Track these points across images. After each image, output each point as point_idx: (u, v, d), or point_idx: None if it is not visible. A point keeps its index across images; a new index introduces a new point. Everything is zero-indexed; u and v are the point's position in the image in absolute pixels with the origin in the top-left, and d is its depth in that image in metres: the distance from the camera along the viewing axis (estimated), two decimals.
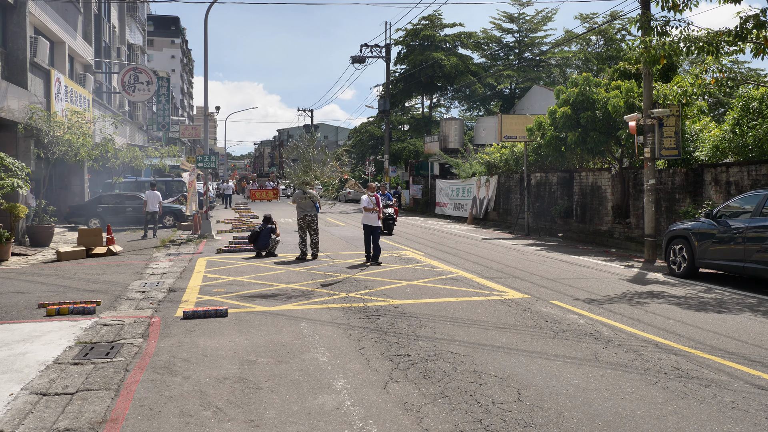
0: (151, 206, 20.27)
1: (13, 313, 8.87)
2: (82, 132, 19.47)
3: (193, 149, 71.76)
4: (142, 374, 6.00)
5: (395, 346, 6.92)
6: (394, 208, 21.77)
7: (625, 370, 6.11)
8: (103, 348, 6.99)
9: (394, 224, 21.58)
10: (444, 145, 36.76)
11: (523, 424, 4.75)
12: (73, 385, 5.73)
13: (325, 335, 7.46)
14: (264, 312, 8.81)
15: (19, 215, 15.51)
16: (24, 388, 5.63)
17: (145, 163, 26.46)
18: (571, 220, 21.70)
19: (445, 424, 4.76)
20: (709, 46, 11.68)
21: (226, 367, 6.23)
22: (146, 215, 20.39)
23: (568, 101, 18.87)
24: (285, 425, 4.75)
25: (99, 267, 13.50)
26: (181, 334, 7.57)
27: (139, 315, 8.70)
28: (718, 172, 15.35)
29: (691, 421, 4.85)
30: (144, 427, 4.74)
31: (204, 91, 21.90)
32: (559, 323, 8.10)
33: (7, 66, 18.06)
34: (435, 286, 10.92)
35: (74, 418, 4.93)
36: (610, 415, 4.94)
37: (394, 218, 21.44)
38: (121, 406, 5.16)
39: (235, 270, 12.99)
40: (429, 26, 45.66)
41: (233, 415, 4.96)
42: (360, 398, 5.32)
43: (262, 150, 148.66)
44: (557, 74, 45.06)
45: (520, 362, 6.33)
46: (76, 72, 26.33)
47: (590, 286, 11.06)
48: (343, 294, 10.17)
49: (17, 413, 5.03)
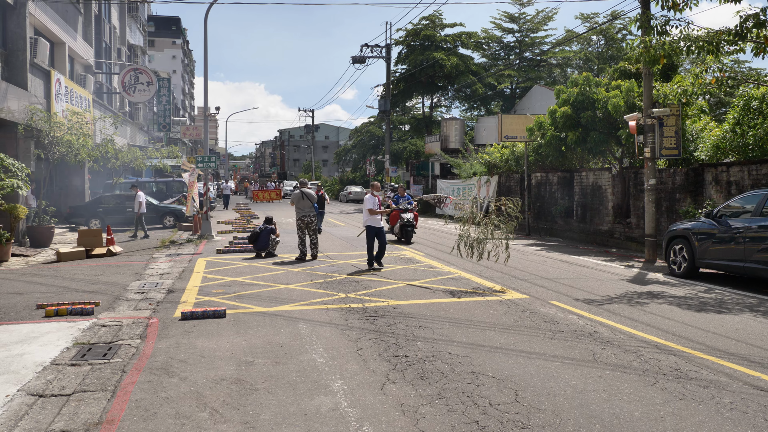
0: (136, 207, 20.27)
1: (11, 314, 8.86)
2: (82, 133, 19.47)
3: (194, 149, 71.77)
4: (139, 375, 5.99)
5: (393, 347, 6.90)
6: (413, 213, 18.80)
7: (623, 371, 6.09)
8: (100, 349, 6.98)
9: (413, 231, 18.63)
10: (445, 145, 36.75)
11: (520, 426, 4.73)
12: (70, 386, 5.72)
13: (323, 336, 7.44)
14: (262, 313, 8.79)
15: (19, 216, 15.50)
16: (20, 390, 5.61)
17: (146, 164, 26.46)
18: (571, 220, 21.66)
19: (442, 425, 4.74)
20: (709, 45, 11.64)
21: (223, 368, 6.21)
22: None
23: (569, 101, 18.83)
24: (281, 427, 4.74)
25: (98, 268, 13.49)
26: (179, 335, 7.56)
27: (137, 316, 8.68)
28: (719, 172, 15.32)
29: (689, 422, 4.83)
30: (139, 428, 4.72)
31: (204, 91, 21.90)
32: (558, 324, 8.08)
33: (7, 67, 18.06)
34: (434, 287, 10.90)
35: (70, 420, 4.91)
36: (608, 417, 4.91)
37: (413, 224, 18.49)
38: (117, 408, 5.15)
39: (235, 270, 12.97)
40: (429, 26, 45.65)
41: (229, 416, 4.95)
42: (357, 399, 5.30)
43: (263, 150, 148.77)
44: (558, 74, 45.04)
45: (519, 363, 6.31)
46: (77, 73, 26.34)
47: (590, 287, 11.03)
48: (342, 294, 10.15)
49: (13, 414, 5.02)
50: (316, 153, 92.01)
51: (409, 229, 18.27)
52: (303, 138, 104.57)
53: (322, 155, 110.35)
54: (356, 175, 63.91)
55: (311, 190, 15.10)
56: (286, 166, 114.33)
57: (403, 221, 18.30)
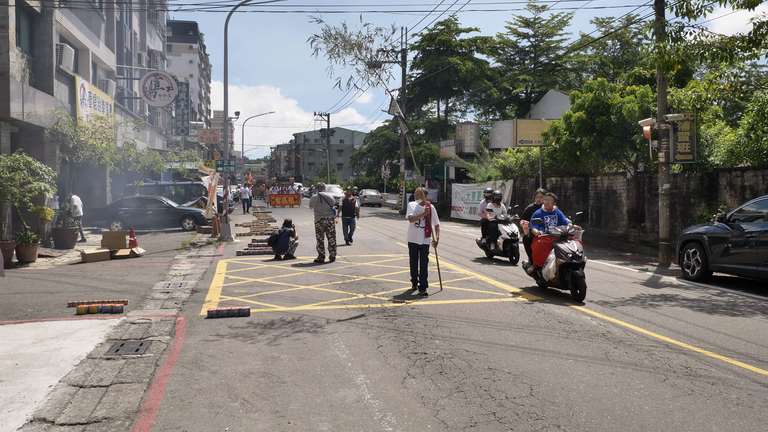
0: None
1: (44, 311, 9.24)
2: (106, 137, 19.94)
3: (211, 153, 72.49)
4: (171, 369, 6.31)
5: (412, 345, 7.18)
6: (576, 240, 10.63)
7: (634, 368, 6.32)
8: (132, 344, 7.31)
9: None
10: (460, 149, 36.98)
11: (535, 417, 4.99)
12: (107, 378, 6.05)
13: (344, 334, 7.74)
14: (285, 312, 9.10)
15: (47, 218, 15.98)
16: (62, 381, 5.95)
17: (165, 167, 26.94)
18: (585, 224, 21.81)
19: (461, 416, 5.02)
20: (723, 51, 11.81)
21: (250, 362, 6.52)
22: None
23: (583, 106, 19.02)
24: (309, 416, 5.03)
25: (123, 268, 13.89)
26: (206, 332, 7.88)
27: (164, 314, 9.03)
28: (733, 177, 15.44)
29: (697, 415, 5.06)
30: (177, 416, 5.04)
31: (224, 96, 22.32)
32: (571, 324, 8.31)
33: (34, 73, 18.57)
34: (451, 288, 11.15)
35: (111, 408, 5.24)
36: (619, 410, 5.16)
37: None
38: (153, 398, 5.47)
39: (255, 272, 13.31)
40: (445, 31, 45.91)
41: (259, 406, 5.25)
42: (379, 392, 5.59)
43: (278, 154, 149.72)
44: (573, 78, 45.10)
45: (533, 360, 6.56)
46: (99, 78, 26.90)
47: (604, 289, 11.24)
48: (361, 295, 10.44)
49: (57, 403, 5.35)
50: (331, 157, 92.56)
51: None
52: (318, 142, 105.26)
53: (337, 159, 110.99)
54: (371, 178, 64.25)
55: (329, 194, 15.41)
56: (301, 169, 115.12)
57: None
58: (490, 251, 15.60)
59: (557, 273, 10.31)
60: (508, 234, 14.72)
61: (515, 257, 14.66)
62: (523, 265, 11.57)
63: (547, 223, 10.90)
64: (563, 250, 10.14)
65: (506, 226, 14.96)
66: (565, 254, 10.05)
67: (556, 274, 10.32)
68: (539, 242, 10.68)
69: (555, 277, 10.37)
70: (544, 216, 11.00)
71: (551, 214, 11.02)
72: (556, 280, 10.40)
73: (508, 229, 14.88)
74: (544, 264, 10.58)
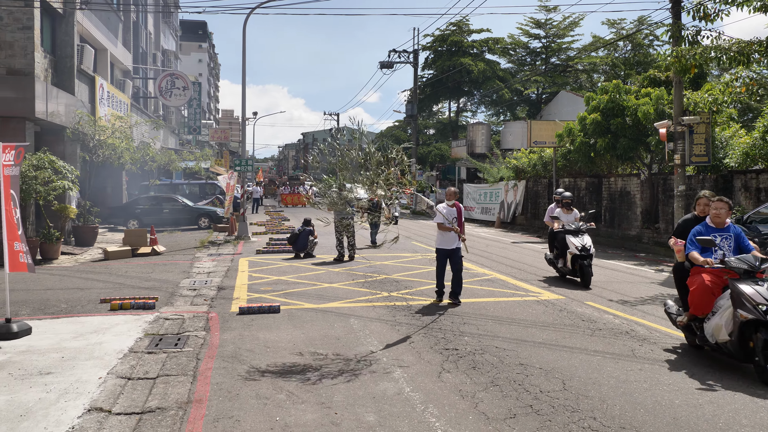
0: None
1: (78, 307, 9.49)
2: (125, 136, 20.22)
3: (220, 152, 72.81)
4: (213, 362, 6.54)
5: (442, 341, 7.40)
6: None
7: (661, 365, 6.51)
8: (171, 339, 7.56)
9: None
10: (471, 149, 37.18)
11: (571, 410, 5.20)
12: (153, 371, 6.29)
13: (374, 330, 7.96)
14: (314, 309, 9.33)
15: (70, 216, 16.27)
16: (110, 373, 6.19)
17: (180, 166, 27.23)
18: (599, 224, 21.97)
19: (500, 408, 5.23)
20: (740, 56, 11.96)
21: (288, 357, 6.75)
22: None
23: (598, 108, 19.19)
24: (354, 407, 5.25)
25: (147, 266, 14.14)
26: (240, 327, 8.12)
27: (196, 310, 9.27)
28: (748, 179, 15.58)
29: (726, 409, 5.26)
30: (227, 406, 5.27)
31: (242, 97, 22.60)
32: (595, 322, 8.51)
33: (56, 73, 18.87)
34: (472, 287, 11.35)
35: (162, 399, 5.47)
36: (650, 404, 5.36)
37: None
38: (201, 390, 5.70)
39: (278, 270, 13.54)
40: (457, 32, 46.10)
41: (305, 398, 5.47)
42: (417, 386, 5.80)
43: (286, 153, 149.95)
44: (584, 79, 45.19)
45: (562, 356, 6.76)
46: (116, 78, 27.21)
47: (622, 289, 11.42)
48: (385, 293, 10.66)
49: (110, 394, 5.59)
50: None
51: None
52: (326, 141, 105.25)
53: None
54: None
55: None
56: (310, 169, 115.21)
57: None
58: (558, 268, 12.72)
59: (735, 334, 6.16)
60: (577, 248, 11.72)
61: (586, 279, 11.64)
62: (666, 308, 7.74)
63: (719, 245, 6.83)
64: (751, 297, 6.04)
65: (575, 238, 11.91)
66: (753, 305, 5.98)
67: (733, 336, 6.19)
68: (703, 277, 6.63)
69: (729, 341, 6.25)
70: (711, 233, 6.87)
71: (723, 232, 6.91)
72: (732, 346, 6.24)
73: (577, 242, 11.81)
74: (708, 316, 6.59)
